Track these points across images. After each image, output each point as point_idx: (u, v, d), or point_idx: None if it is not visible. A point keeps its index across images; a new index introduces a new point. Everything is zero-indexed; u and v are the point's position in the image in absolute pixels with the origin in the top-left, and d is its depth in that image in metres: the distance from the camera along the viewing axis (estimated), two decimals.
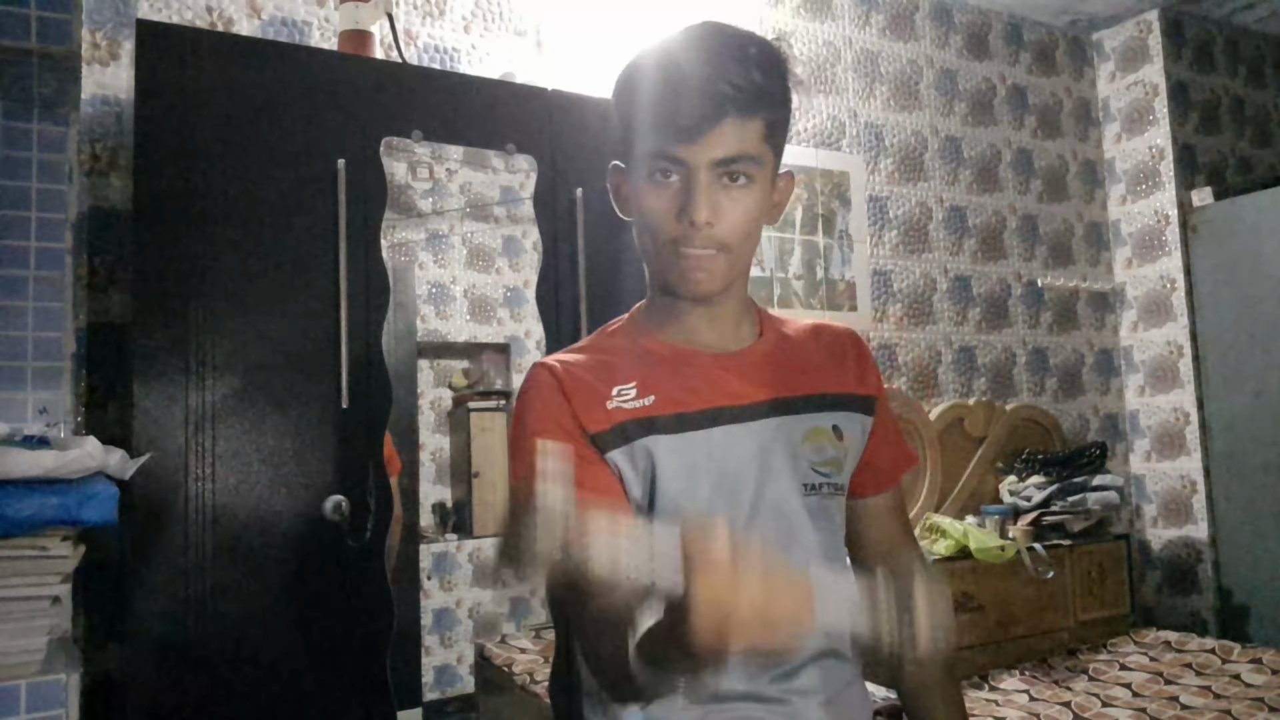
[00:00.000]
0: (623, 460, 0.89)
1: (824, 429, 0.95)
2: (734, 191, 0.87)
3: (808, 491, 0.93)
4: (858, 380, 1.02)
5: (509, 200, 2.19)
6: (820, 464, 0.94)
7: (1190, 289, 3.34)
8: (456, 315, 2.18)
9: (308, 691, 1.52)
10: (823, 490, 0.94)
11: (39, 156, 1.58)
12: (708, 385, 0.93)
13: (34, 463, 1.17)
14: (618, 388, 0.92)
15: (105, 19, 1.90)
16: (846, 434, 0.97)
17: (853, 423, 0.99)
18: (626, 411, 0.90)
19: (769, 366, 0.96)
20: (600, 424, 0.90)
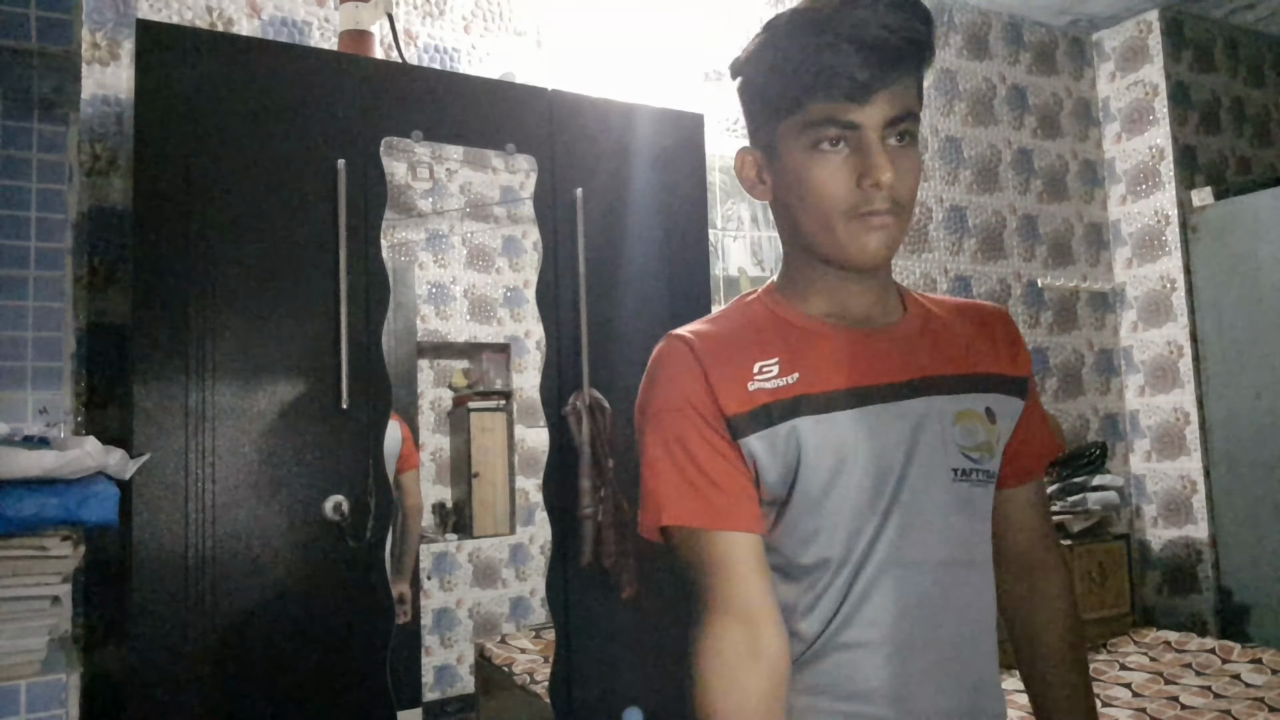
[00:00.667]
0: (760, 445, 0.85)
1: (976, 411, 0.90)
2: (902, 150, 0.83)
3: (957, 477, 0.88)
4: (1010, 360, 0.96)
5: (509, 200, 2.19)
6: (971, 448, 0.89)
7: (1190, 289, 3.34)
8: (456, 315, 2.18)
9: (308, 691, 1.52)
10: (973, 477, 0.89)
11: (39, 156, 1.58)
12: (853, 362, 0.88)
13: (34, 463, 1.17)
14: (759, 364, 0.87)
15: (105, 19, 1.90)
16: (999, 417, 0.92)
17: (1006, 405, 0.94)
18: (769, 392, 0.85)
19: (918, 343, 0.92)
20: (740, 405, 0.85)
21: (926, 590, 0.86)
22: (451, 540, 2.13)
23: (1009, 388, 0.95)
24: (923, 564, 0.86)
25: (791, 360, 0.87)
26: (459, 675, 2.06)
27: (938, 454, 0.88)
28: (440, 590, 2.08)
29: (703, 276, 1.99)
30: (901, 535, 0.86)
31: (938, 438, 0.88)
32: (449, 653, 2.06)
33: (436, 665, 2.04)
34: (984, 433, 0.90)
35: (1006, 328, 0.99)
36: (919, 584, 0.86)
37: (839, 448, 0.85)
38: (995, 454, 0.92)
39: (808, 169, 0.84)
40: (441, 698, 2.02)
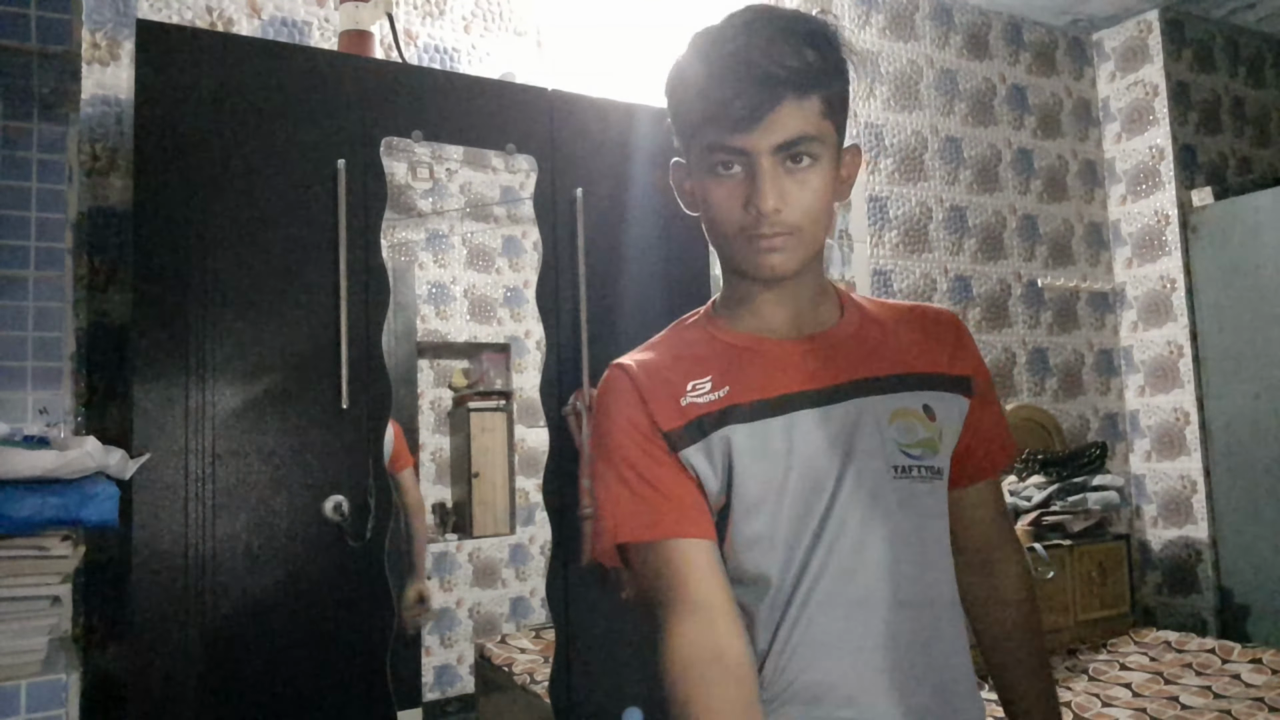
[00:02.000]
0: (697, 456, 0.88)
1: (913, 409, 0.91)
2: (799, 174, 0.85)
3: (898, 474, 0.89)
4: (950, 359, 0.97)
5: (509, 200, 2.19)
6: (910, 445, 0.90)
7: (1190, 289, 3.34)
8: (456, 315, 2.18)
9: (308, 691, 1.52)
10: (914, 473, 0.90)
11: (39, 156, 1.58)
12: (784, 371, 0.90)
13: (34, 463, 1.17)
14: (692, 382, 0.91)
15: (105, 19, 1.90)
16: (939, 414, 0.93)
17: (946, 403, 0.94)
18: (701, 406, 0.89)
19: (851, 347, 0.93)
20: (675, 421, 0.89)
21: (873, 589, 0.87)
22: (451, 540, 2.13)
23: (949, 385, 0.96)
24: (868, 564, 0.87)
25: (723, 376, 0.91)
26: (459, 675, 2.06)
27: (876, 453, 0.89)
28: (440, 590, 2.08)
29: (703, 277, 1.99)
30: (844, 536, 0.87)
31: (875, 437, 0.89)
32: (449, 653, 2.06)
33: (436, 665, 2.04)
34: (923, 430, 0.91)
35: (950, 328, 1.00)
36: (865, 584, 0.87)
37: (770, 453, 0.87)
38: (940, 450, 0.92)
39: (707, 190, 0.88)
40: (441, 698, 2.02)
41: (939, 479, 0.93)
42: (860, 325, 0.96)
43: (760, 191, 0.83)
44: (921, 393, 0.93)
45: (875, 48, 3.10)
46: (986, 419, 1.00)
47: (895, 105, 3.12)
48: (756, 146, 0.83)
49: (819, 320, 0.95)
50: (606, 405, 0.93)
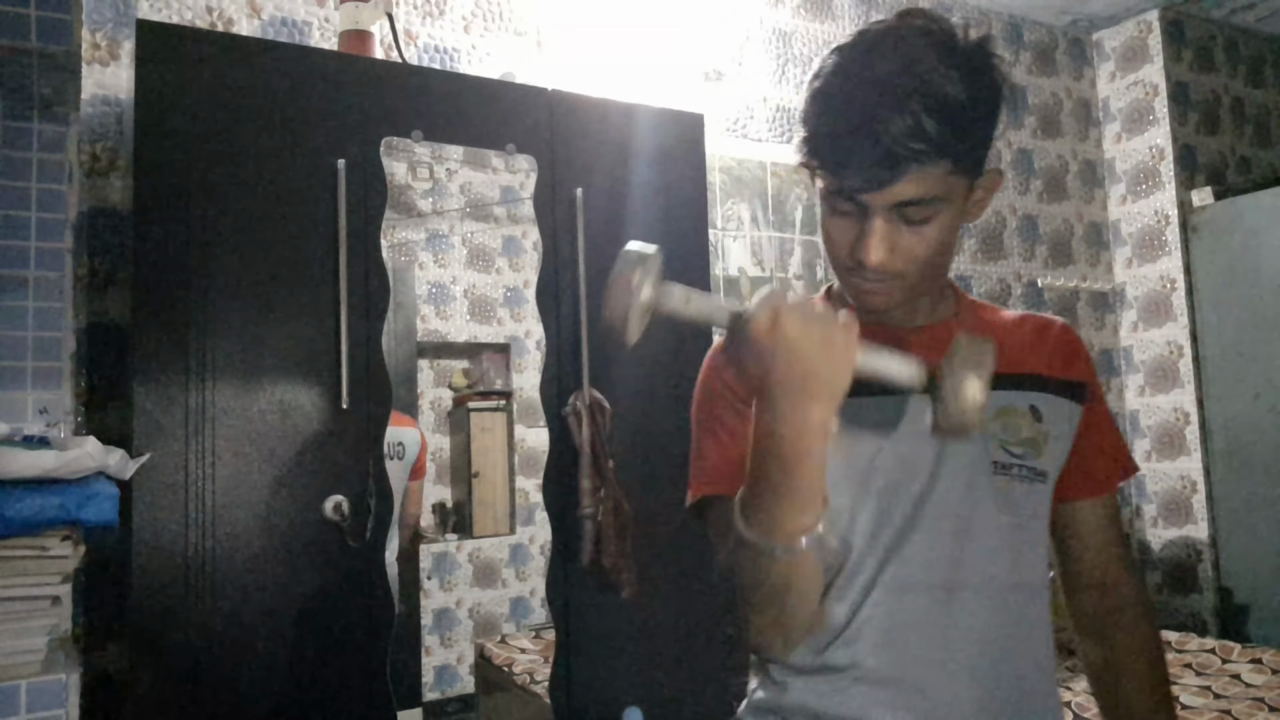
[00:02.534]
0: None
1: (1019, 408, 0.91)
2: (914, 228, 0.83)
3: (997, 470, 0.88)
4: (1064, 365, 0.96)
5: (509, 200, 2.19)
6: (1013, 442, 0.89)
7: (1190, 289, 3.34)
8: (456, 315, 2.18)
9: (307, 691, 1.52)
10: (1014, 471, 0.89)
11: (39, 156, 1.58)
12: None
13: (34, 463, 1.17)
14: None
15: (105, 19, 1.90)
16: (1047, 416, 0.92)
17: (1055, 407, 0.93)
18: None
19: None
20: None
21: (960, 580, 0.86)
22: (451, 540, 2.13)
23: (1060, 390, 0.95)
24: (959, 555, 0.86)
25: None
26: (459, 675, 2.06)
27: (976, 447, 0.88)
28: (440, 590, 2.08)
29: (703, 276, 1.99)
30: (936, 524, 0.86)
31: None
32: (449, 653, 2.06)
33: (436, 665, 2.04)
34: (1027, 429, 0.91)
35: (1063, 335, 1.00)
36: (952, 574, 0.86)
37: (863, 431, 0.87)
38: (1044, 452, 0.91)
39: (824, 217, 0.88)
40: (441, 698, 2.02)
41: (1041, 482, 0.91)
42: (973, 324, 0.96)
43: (866, 246, 0.82)
44: (1029, 393, 0.93)
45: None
46: (1100, 431, 0.99)
47: None
48: (875, 201, 0.81)
49: (934, 314, 0.95)
50: (705, 370, 0.96)
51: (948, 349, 0.76)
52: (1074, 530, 1.00)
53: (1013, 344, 0.95)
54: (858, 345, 0.72)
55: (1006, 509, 0.89)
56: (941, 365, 0.75)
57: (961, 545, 0.87)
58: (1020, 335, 0.97)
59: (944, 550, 0.86)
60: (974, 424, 0.73)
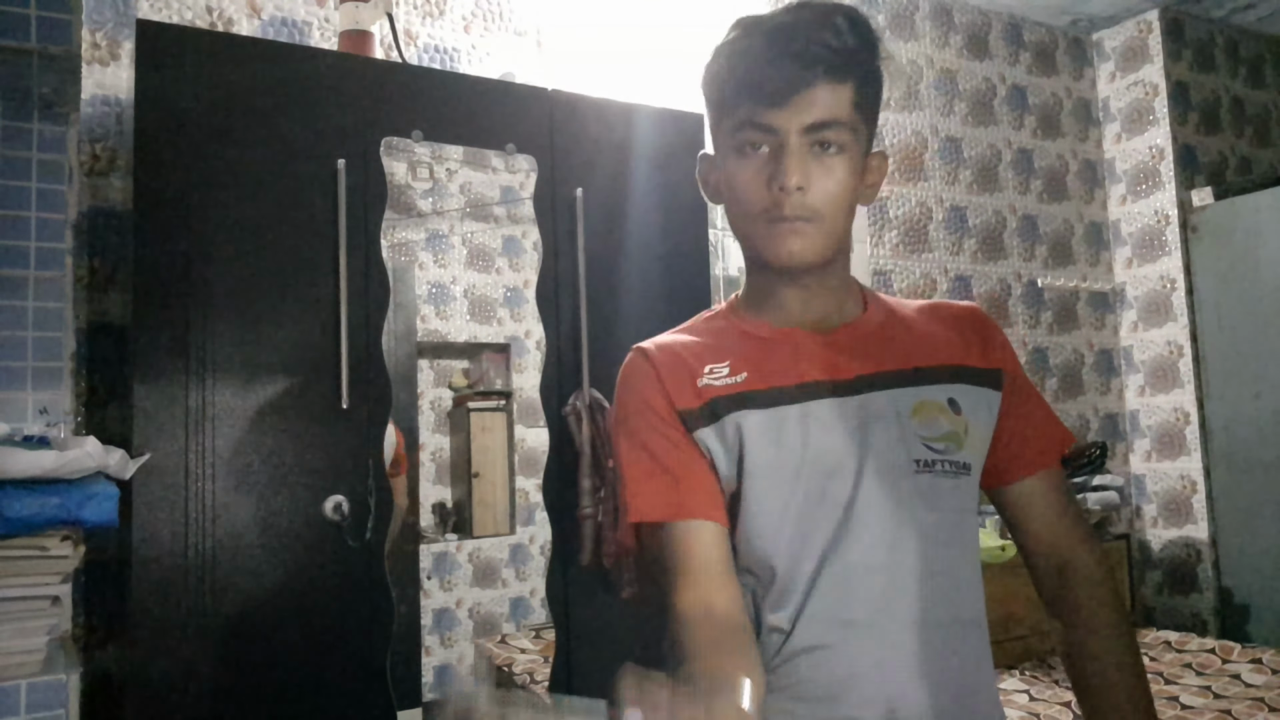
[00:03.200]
0: (711, 437, 0.88)
1: (936, 401, 0.90)
2: (826, 160, 0.84)
3: (920, 468, 0.87)
4: (980, 354, 0.95)
5: (509, 200, 2.18)
6: (933, 438, 0.89)
7: (1190, 289, 3.34)
8: (456, 315, 2.18)
9: (308, 691, 1.52)
10: (938, 467, 0.88)
11: (39, 156, 1.58)
12: (804, 361, 0.90)
13: (34, 463, 1.17)
14: (709, 365, 0.91)
15: (105, 19, 1.90)
16: (965, 408, 0.91)
17: (973, 396, 0.92)
18: (717, 389, 0.89)
19: (874, 341, 0.93)
20: (691, 401, 0.89)
21: (896, 585, 0.86)
22: (451, 540, 2.13)
23: (977, 378, 0.94)
24: (891, 559, 0.86)
25: (741, 362, 0.91)
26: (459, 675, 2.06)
27: (896, 446, 0.87)
28: (440, 590, 2.08)
29: (703, 276, 1.99)
30: (866, 529, 0.86)
31: (894, 430, 0.88)
32: (449, 653, 2.06)
33: (436, 665, 2.04)
34: (947, 423, 0.90)
35: (976, 321, 0.99)
36: (887, 580, 0.85)
37: (784, 441, 0.87)
38: (965, 445, 0.90)
39: (732, 171, 0.88)
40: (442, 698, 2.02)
41: (965, 474, 0.90)
42: (884, 320, 0.95)
43: (785, 169, 0.83)
44: (946, 385, 0.92)
45: None
46: (1025, 409, 0.98)
47: (895, 105, 3.12)
48: (786, 124, 0.83)
49: (843, 314, 0.94)
50: (626, 387, 0.94)
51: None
52: (1022, 512, 0.98)
53: (927, 336, 0.95)
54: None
55: (933, 506, 0.88)
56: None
57: (891, 548, 0.86)
58: (933, 325, 0.97)
59: (876, 556, 0.85)
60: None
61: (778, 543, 0.86)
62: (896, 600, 0.86)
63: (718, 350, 0.92)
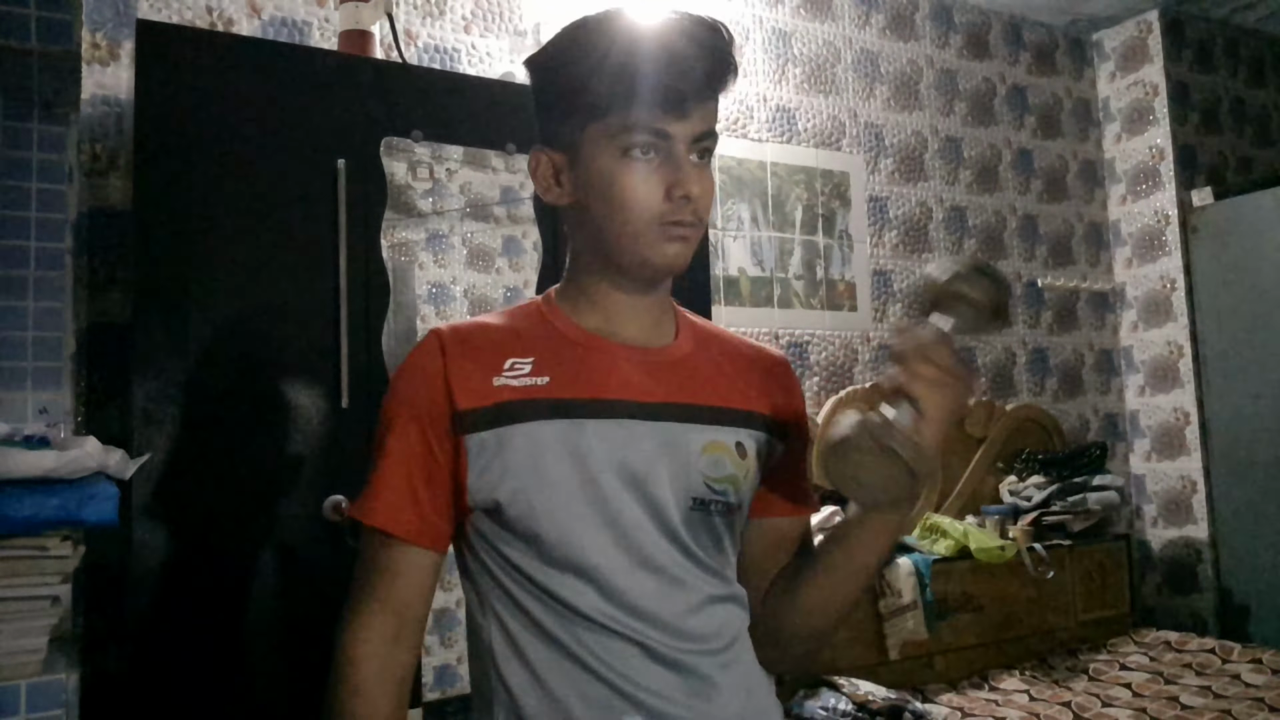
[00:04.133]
0: (491, 442, 0.85)
1: (725, 444, 0.90)
2: (702, 168, 0.87)
3: (695, 505, 0.88)
4: (777, 406, 0.97)
5: (509, 200, 2.18)
6: (715, 479, 0.89)
7: (1190, 289, 3.34)
8: (456, 315, 2.18)
9: (307, 692, 1.52)
10: (712, 507, 0.89)
11: (39, 156, 1.58)
12: (611, 375, 0.89)
13: (34, 463, 1.16)
14: (512, 360, 0.88)
15: (105, 19, 1.90)
16: (750, 453, 0.92)
17: (758, 443, 0.94)
18: (512, 390, 0.86)
19: (683, 368, 0.93)
20: (476, 400, 0.86)
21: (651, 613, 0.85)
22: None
23: (764, 426, 0.95)
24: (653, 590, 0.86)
25: (547, 364, 0.88)
26: (459, 675, 2.06)
27: (680, 479, 0.87)
28: (440, 590, 2.08)
29: (703, 276, 1.99)
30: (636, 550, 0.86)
31: (683, 463, 0.88)
32: (449, 653, 2.06)
33: (436, 665, 2.04)
34: (731, 466, 0.90)
35: (779, 370, 1.01)
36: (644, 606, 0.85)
37: (573, 455, 0.85)
38: (741, 487, 0.91)
39: (616, 175, 0.85)
40: (441, 698, 2.02)
41: (735, 515, 0.92)
42: (693, 349, 0.96)
43: (686, 176, 0.84)
44: (737, 429, 0.92)
45: (875, 47, 3.10)
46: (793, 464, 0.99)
47: (895, 105, 3.12)
48: (681, 133, 0.84)
49: (658, 334, 0.94)
50: (404, 370, 0.90)
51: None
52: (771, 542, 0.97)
53: (728, 376, 0.95)
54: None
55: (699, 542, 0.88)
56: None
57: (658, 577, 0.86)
58: (738, 366, 0.97)
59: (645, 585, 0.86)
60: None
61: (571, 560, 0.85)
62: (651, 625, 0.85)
63: (524, 345, 0.89)
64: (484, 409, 0.86)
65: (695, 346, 0.96)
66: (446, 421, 0.86)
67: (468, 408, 0.86)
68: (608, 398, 0.88)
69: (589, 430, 0.86)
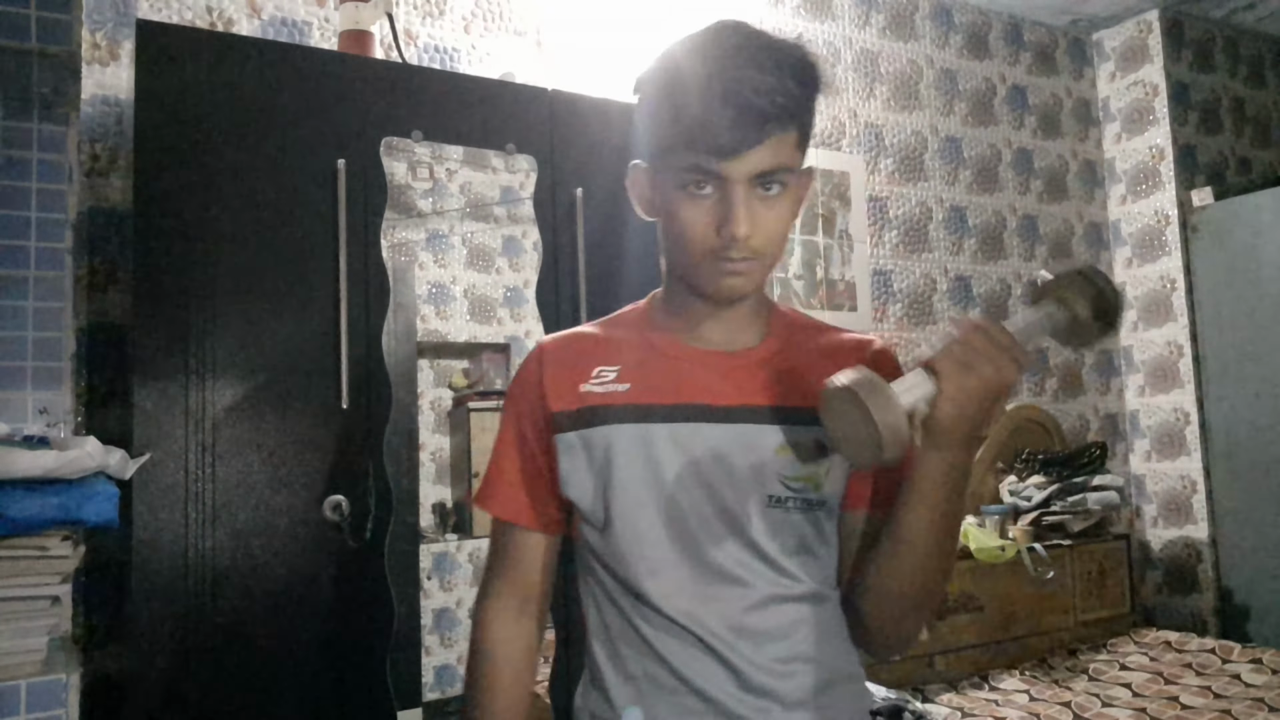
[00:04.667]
0: (576, 443, 0.93)
1: (803, 443, 0.90)
2: (769, 200, 0.86)
3: (772, 503, 0.89)
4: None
5: (509, 200, 2.18)
6: (793, 478, 0.90)
7: (1190, 289, 3.34)
8: (456, 315, 2.18)
9: (308, 692, 1.52)
10: (790, 505, 0.90)
11: (39, 156, 1.58)
12: (689, 381, 0.93)
13: (34, 463, 1.17)
14: (599, 368, 0.95)
15: (105, 19, 1.90)
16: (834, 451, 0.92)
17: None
18: (597, 395, 0.93)
19: (763, 370, 0.94)
20: (566, 404, 0.94)
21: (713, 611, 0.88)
22: (451, 540, 2.13)
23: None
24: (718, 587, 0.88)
25: (630, 371, 0.94)
26: (459, 675, 2.06)
27: (753, 479, 0.89)
28: (440, 590, 2.08)
29: None
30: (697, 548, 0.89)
31: (757, 463, 0.89)
32: (449, 653, 2.06)
33: (436, 665, 2.04)
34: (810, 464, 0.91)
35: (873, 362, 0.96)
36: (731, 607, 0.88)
37: (648, 458, 0.90)
38: (824, 485, 0.91)
39: (676, 206, 0.87)
40: (441, 698, 2.02)
41: (821, 510, 0.92)
42: (779, 350, 0.96)
43: (734, 218, 0.84)
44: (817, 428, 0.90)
45: (875, 48, 3.10)
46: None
47: (895, 105, 3.12)
48: (734, 173, 0.83)
49: (743, 338, 0.96)
50: (515, 376, 1.02)
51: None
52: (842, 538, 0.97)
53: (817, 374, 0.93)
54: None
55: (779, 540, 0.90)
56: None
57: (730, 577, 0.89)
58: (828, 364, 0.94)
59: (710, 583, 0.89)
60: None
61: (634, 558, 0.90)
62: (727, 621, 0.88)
63: (615, 353, 0.96)
64: (571, 412, 0.94)
65: (782, 347, 0.96)
66: (545, 422, 0.96)
67: (559, 410, 0.95)
68: (682, 402, 0.92)
69: (662, 433, 0.91)
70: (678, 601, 0.89)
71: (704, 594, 0.89)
